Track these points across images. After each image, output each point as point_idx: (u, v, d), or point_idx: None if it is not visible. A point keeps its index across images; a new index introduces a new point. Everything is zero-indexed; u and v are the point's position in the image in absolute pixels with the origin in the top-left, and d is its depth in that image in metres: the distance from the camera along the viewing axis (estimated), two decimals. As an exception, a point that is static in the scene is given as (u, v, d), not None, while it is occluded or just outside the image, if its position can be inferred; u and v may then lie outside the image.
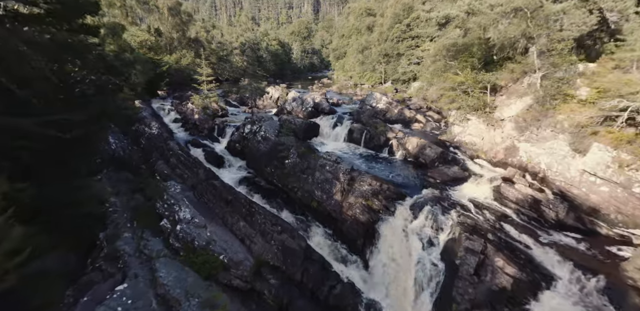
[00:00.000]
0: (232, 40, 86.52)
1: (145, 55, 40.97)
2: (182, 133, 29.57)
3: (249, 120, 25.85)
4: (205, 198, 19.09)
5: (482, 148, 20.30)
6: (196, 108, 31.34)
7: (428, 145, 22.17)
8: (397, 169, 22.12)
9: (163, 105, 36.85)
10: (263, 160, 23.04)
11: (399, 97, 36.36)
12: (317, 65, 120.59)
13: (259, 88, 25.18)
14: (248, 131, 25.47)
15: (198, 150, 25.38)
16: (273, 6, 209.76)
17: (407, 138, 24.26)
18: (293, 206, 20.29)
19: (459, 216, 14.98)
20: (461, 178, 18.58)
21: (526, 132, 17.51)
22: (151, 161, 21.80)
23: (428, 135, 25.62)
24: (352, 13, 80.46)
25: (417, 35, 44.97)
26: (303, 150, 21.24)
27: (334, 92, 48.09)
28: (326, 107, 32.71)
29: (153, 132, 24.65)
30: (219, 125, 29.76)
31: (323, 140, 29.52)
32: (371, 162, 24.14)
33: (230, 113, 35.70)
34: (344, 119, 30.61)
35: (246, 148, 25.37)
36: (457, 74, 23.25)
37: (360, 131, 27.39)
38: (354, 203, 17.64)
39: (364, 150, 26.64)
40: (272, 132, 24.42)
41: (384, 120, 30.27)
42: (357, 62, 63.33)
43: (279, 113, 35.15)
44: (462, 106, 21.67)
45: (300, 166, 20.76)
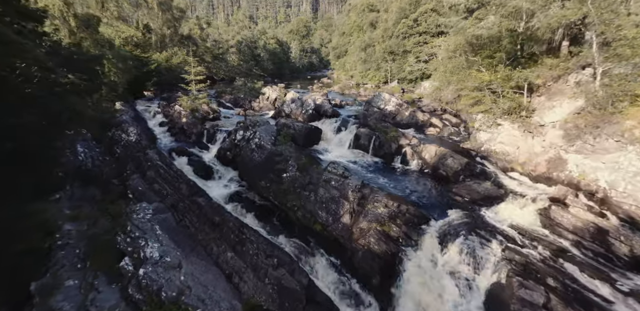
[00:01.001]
0: (229, 38, 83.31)
1: (131, 53, 37.78)
2: (168, 138, 26.29)
3: (241, 126, 22.59)
4: (187, 220, 15.86)
5: (517, 159, 17.11)
6: (184, 110, 28.07)
7: (450, 155, 18.97)
8: (414, 183, 18.92)
9: (149, 107, 33.60)
10: (257, 173, 19.80)
11: (408, 98, 33.18)
12: (316, 65, 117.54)
13: (254, 89, 22.11)
14: (240, 138, 22.22)
15: (183, 160, 22.12)
16: (271, 5, 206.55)
17: (423, 146, 21.07)
18: (292, 228, 17.06)
19: (503, 250, 11.79)
20: (495, 197, 15.37)
21: (577, 141, 14.35)
22: (125, 174, 18.53)
23: (446, 142, 22.41)
24: (353, 9, 77.27)
25: (425, 30, 41.83)
26: (304, 162, 18.01)
27: (336, 93, 44.88)
28: (328, 109, 29.50)
29: (130, 139, 21.38)
30: (208, 129, 26.49)
31: (326, 147, 26.30)
32: (382, 173, 20.94)
33: (222, 116, 32.41)
34: (348, 123, 27.39)
35: (238, 157, 22.12)
36: (480, 71, 20.04)
37: (368, 137, 24.17)
38: (367, 229, 14.42)
39: (372, 159, 23.42)
40: (268, 139, 21.18)
41: (394, 123, 27.09)
42: (359, 61, 60.12)
43: (277, 116, 31.93)
44: (492, 109, 18.48)
45: (301, 181, 17.53)
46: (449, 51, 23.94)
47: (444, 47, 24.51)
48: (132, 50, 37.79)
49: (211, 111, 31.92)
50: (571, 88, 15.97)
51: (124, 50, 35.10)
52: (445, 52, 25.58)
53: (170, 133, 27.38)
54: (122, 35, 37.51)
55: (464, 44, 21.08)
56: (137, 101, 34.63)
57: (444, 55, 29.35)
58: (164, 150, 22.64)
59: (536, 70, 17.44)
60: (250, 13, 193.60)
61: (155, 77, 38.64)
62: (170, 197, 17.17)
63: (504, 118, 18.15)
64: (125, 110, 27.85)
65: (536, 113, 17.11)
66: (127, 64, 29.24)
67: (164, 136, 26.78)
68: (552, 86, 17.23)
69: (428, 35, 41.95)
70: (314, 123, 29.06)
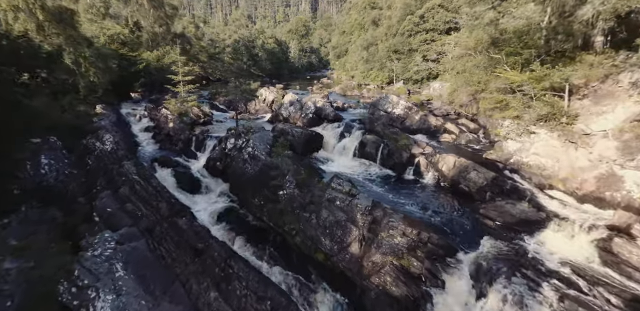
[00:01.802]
0: (225, 37, 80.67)
1: (117, 51, 35.10)
2: (152, 146, 23.62)
3: (232, 133, 19.94)
4: (164, 249, 13.19)
5: (556, 174, 14.50)
6: (171, 114, 25.42)
7: (472, 167, 16.35)
8: (431, 200, 16.30)
9: (135, 110, 30.93)
10: (250, 188, 17.15)
11: (416, 100, 30.55)
12: (316, 65, 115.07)
13: (247, 91, 19.51)
14: (231, 146, 19.57)
15: (166, 172, 19.45)
16: (270, 4, 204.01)
17: (440, 156, 18.45)
18: (290, 256, 14.39)
19: (560, 299, 9.16)
20: (535, 222, 12.75)
21: (638, 155, 11.77)
22: (94, 191, 15.86)
23: (465, 151, 19.79)
24: (354, 7, 74.80)
25: (432, 27, 39.24)
26: (303, 177, 15.35)
27: (337, 94, 42.27)
28: (330, 112, 26.87)
29: (105, 148, 18.70)
30: (197, 136, 23.83)
31: (328, 155, 23.70)
32: (393, 188, 18.34)
33: (214, 120, 29.77)
34: (353, 128, 24.79)
35: (229, 168, 19.48)
36: (506, 71, 17.41)
37: (376, 144, 21.56)
38: (381, 264, 11.79)
39: (380, 170, 20.81)
40: (263, 148, 18.53)
41: (403, 129, 24.50)
42: (360, 60, 57.55)
43: (274, 119, 29.32)
44: (524, 114, 15.85)
45: (300, 200, 14.87)
46: (468, 48, 21.35)
47: (462, 44, 21.87)
48: (118, 48, 35.14)
49: (202, 114, 29.28)
50: (625, 90, 13.43)
51: (107, 49, 32.43)
52: (463, 49, 22.96)
53: (155, 139, 24.72)
54: (108, 32, 34.79)
55: (486, 39, 18.50)
56: (122, 103, 31.96)
57: (457, 54, 26.75)
58: (145, 160, 19.99)
59: (579, 68, 14.83)
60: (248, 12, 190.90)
61: (144, 77, 35.97)
62: (146, 219, 14.48)
63: (539, 125, 15.55)
64: (106, 114, 25.19)
65: (580, 119, 14.53)
66: (109, 63, 26.57)
67: (147, 143, 24.11)
68: (599, 87, 14.67)
69: (435, 32, 39.38)
70: (315, 128, 26.49)
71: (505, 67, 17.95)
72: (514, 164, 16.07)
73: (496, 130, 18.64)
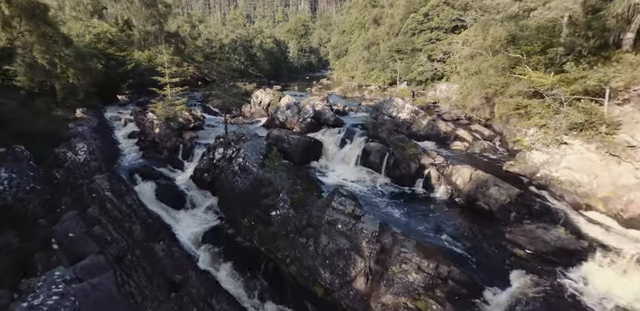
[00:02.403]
0: (222, 37, 78.69)
1: (103, 51, 33.05)
2: (134, 154, 21.53)
3: (221, 141, 17.90)
4: (133, 283, 11.15)
5: (594, 192, 12.51)
6: (157, 119, 23.36)
7: (493, 181, 14.33)
8: (446, 220, 14.31)
9: (121, 113, 28.83)
10: (239, 206, 15.12)
11: (421, 103, 28.59)
12: (315, 65, 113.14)
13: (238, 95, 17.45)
14: (220, 157, 17.55)
15: (147, 185, 17.35)
16: (269, 4, 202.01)
17: (454, 168, 16.44)
18: (284, 288, 12.36)
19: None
20: (575, 252, 10.74)
21: (702, 175, 9.83)
22: (59, 211, 13.81)
23: (481, 161, 17.76)
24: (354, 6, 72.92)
25: (437, 26, 37.25)
26: (299, 196, 13.30)
27: (337, 96, 40.26)
28: (330, 116, 24.85)
29: (77, 158, 16.65)
30: (185, 143, 21.78)
31: (327, 164, 21.68)
32: (401, 203, 16.34)
33: (206, 125, 27.75)
34: (354, 134, 22.77)
35: (218, 180, 17.45)
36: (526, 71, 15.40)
37: (380, 153, 19.56)
38: (393, 306, 9.76)
39: (386, 182, 18.81)
40: (255, 159, 16.49)
41: (409, 135, 22.49)
42: (361, 60, 55.64)
43: (269, 124, 27.29)
44: (557, 122, 13.82)
45: (295, 222, 12.84)
46: (479, 47, 19.35)
47: (472, 42, 19.87)
48: (105, 47, 33.05)
49: (192, 118, 27.26)
50: (680, 95, 11.51)
51: (91, 48, 30.44)
52: (474, 48, 20.94)
53: (139, 147, 22.64)
54: (94, 30, 32.72)
55: (505, 36, 16.51)
56: (107, 107, 29.88)
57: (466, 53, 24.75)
58: (125, 172, 17.91)
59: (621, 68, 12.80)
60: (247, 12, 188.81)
61: (133, 78, 33.90)
62: (116, 245, 12.45)
63: (572, 134, 13.55)
64: (86, 119, 23.16)
65: (623, 129, 12.55)
66: (89, 63, 24.52)
67: (130, 151, 22.03)
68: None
69: (441, 31, 37.41)
70: (313, 134, 24.48)
71: (526, 68, 15.98)
72: (542, 179, 14.07)
73: (516, 138, 16.65)
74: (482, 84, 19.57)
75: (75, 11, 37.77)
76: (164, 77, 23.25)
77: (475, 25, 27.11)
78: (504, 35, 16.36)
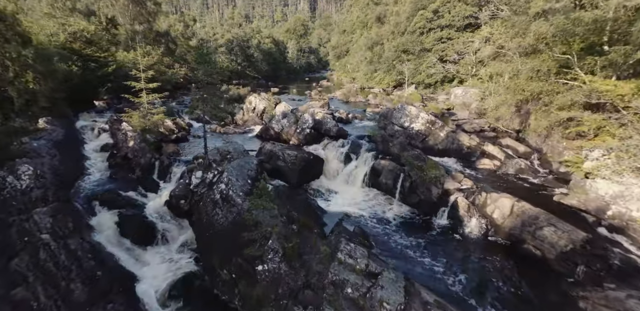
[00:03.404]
0: (218, 36, 75.51)
1: (80, 51, 29.84)
2: (102, 173, 18.29)
3: (200, 163, 14.64)
4: None
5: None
6: (132, 131, 20.12)
7: (546, 219, 11.11)
8: (484, 267, 11.08)
9: (95, 122, 25.59)
10: (219, 250, 11.86)
11: (435, 110, 25.38)
12: (315, 65, 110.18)
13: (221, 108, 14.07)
14: (198, 182, 14.28)
15: (108, 217, 14.13)
16: (268, 3, 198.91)
17: (488, 196, 13.21)
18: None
19: None
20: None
21: None
22: (-22, 263, 10.54)
23: (517, 186, 14.52)
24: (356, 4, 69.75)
25: (448, 23, 34.05)
26: (294, 244, 10.03)
27: (339, 100, 37.02)
28: (332, 127, 21.60)
29: (18, 185, 13.36)
30: (162, 160, 18.53)
31: (329, 184, 18.47)
32: (422, 240, 13.16)
33: (192, 135, 24.50)
34: (361, 148, 19.58)
35: (196, 210, 14.20)
36: (576, 79, 12.15)
37: (393, 174, 16.33)
38: None
39: (401, 209, 15.59)
40: (240, 185, 13.24)
41: (424, 149, 19.30)
42: (363, 61, 52.48)
43: (263, 134, 24.07)
44: (634, 142, 10.61)
45: (289, 281, 9.57)
46: (525, 46, 16.11)
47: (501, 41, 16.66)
48: (81, 48, 29.83)
49: (176, 128, 24.03)
50: None
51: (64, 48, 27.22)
52: (518, 47, 17.61)
53: (109, 162, 19.39)
54: (69, 29, 29.46)
55: (553, 33, 13.29)
56: (81, 114, 26.62)
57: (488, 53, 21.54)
58: (80, 200, 14.67)
59: None
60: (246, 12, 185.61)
61: (113, 81, 30.63)
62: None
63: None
64: (50, 130, 19.89)
65: None
66: (59, 65, 21.26)
67: (98, 169, 18.79)
68: None
69: (452, 29, 34.20)
70: (313, 146, 21.31)
71: (578, 72, 12.83)
72: (615, 219, 10.88)
73: (564, 159, 13.47)
74: (515, 90, 16.33)
75: (53, 8, 34.56)
76: (139, 81, 19.98)
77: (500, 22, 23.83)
78: (552, 31, 13.22)
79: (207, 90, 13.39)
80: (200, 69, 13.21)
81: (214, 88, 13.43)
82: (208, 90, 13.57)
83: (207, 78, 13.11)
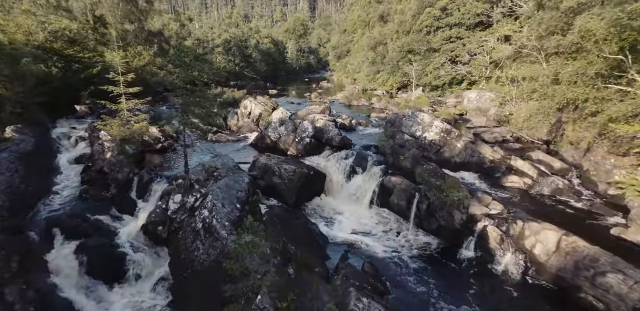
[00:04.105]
0: (215, 37, 73.37)
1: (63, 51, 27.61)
2: (72, 191, 16.01)
3: (179, 184, 12.37)
4: None
5: None
6: (110, 141, 17.87)
7: (608, 263, 8.89)
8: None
9: (74, 129, 23.35)
10: (197, 300, 9.60)
11: (447, 116, 23.18)
12: (315, 66, 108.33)
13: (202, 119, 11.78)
14: (177, 207, 12.02)
15: (69, 249, 11.85)
16: (267, 3, 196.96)
17: (526, 226, 10.97)
18: None
19: None
20: None
21: None
22: None
23: (557, 211, 12.24)
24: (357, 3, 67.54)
25: (458, 22, 31.82)
26: (288, 304, 7.72)
27: (341, 104, 34.77)
28: (335, 136, 19.35)
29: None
30: (141, 175, 16.27)
31: (333, 204, 16.22)
32: (444, 279, 10.89)
33: (181, 143, 22.17)
34: (368, 161, 17.32)
35: (174, 241, 11.96)
36: (630, 84, 9.90)
37: (407, 194, 14.08)
38: None
39: (418, 238, 13.33)
40: (227, 213, 10.96)
41: (438, 161, 17.07)
42: (365, 62, 50.19)
43: (259, 143, 21.85)
44: None
45: (284, 356, 7.29)
46: (567, 45, 13.83)
47: (553, 41, 14.29)
48: (63, 48, 27.60)
49: (162, 136, 21.71)
50: None
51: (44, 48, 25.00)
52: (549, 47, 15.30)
53: (83, 177, 17.13)
54: (50, 28, 27.22)
55: (604, 29, 11.06)
56: (60, 121, 24.36)
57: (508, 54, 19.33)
58: (37, 228, 12.37)
59: None
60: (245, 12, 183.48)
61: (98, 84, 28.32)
62: None
63: None
64: (18, 141, 17.62)
65: None
66: (20, 68, 18.94)
67: (68, 186, 16.53)
68: None
69: (462, 28, 31.96)
70: (314, 158, 19.11)
71: (635, 76, 10.65)
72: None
73: (615, 181, 11.27)
74: (554, 96, 14.05)
75: (36, 6, 32.33)
76: (118, 86, 17.74)
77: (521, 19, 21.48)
78: (603, 27, 10.97)
79: (187, 99, 11.16)
80: (178, 73, 10.99)
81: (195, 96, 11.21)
82: (188, 98, 11.32)
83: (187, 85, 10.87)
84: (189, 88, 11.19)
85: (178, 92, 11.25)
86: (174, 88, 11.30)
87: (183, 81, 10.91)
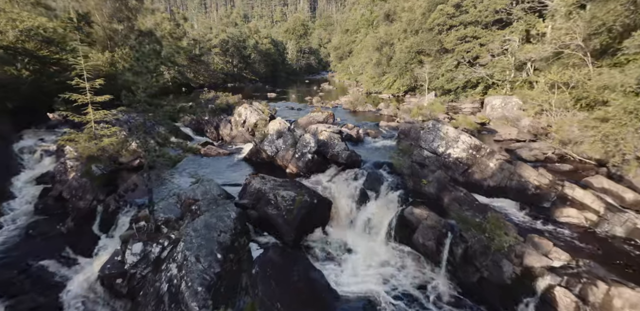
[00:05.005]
0: (212, 37, 70.58)
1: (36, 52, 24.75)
2: (19, 224, 13.09)
3: (139, 227, 9.42)
4: None
5: None
6: (73, 159, 14.97)
7: None
8: None
9: (42, 141, 20.42)
10: None
11: (469, 125, 20.30)
12: (315, 66, 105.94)
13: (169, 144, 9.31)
14: (137, 260, 9.08)
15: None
16: (266, 3, 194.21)
17: (611, 290, 8.02)
18: None
19: None
20: None
21: None
22: None
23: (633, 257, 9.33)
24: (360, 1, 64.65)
25: (474, 20, 28.92)
26: None
27: (345, 109, 31.86)
28: (341, 151, 16.43)
29: None
30: (107, 203, 13.36)
31: (341, 236, 13.26)
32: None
33: (142, 173, 19.24)
34: (381, 183, 14.38)
35: (135, 299, 9.03)
36: None
37: (437, 232, 11.17)
38: None
39: (453, 292, 10.38)
40: (201, 271, 8.01)
41: (466, 184, 14.21)
42: (369, 63, 47.37)
43: (253, 158, 18.97)
44: None
45: None
46: None
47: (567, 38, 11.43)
48: (36, 48, 24.73)
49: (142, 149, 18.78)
50: None
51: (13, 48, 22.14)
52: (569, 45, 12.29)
53: (35, 206, 14.19)
54: (21, 25, 24.33)
55: None
56: (27, 131, 21.45)
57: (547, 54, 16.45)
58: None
59: None
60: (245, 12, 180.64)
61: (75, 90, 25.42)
62: None
63: None
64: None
65: None
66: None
67: (17, 216, 13.60)
68: None
69: (478, 26, 29.07)
70: (317, 177, 16.20)
71: None
72: None
73: None
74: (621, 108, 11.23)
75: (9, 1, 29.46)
76: (84, 93, 14.86)
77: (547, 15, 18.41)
78: None
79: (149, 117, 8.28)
80: (139, 83, 8.11)
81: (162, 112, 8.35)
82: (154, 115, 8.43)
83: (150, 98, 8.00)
84: (153, 102, 8.32)
85: (138, 107, 8.40)
86: (130, 102, 8.36)
87: (144, 92, 8.07)
